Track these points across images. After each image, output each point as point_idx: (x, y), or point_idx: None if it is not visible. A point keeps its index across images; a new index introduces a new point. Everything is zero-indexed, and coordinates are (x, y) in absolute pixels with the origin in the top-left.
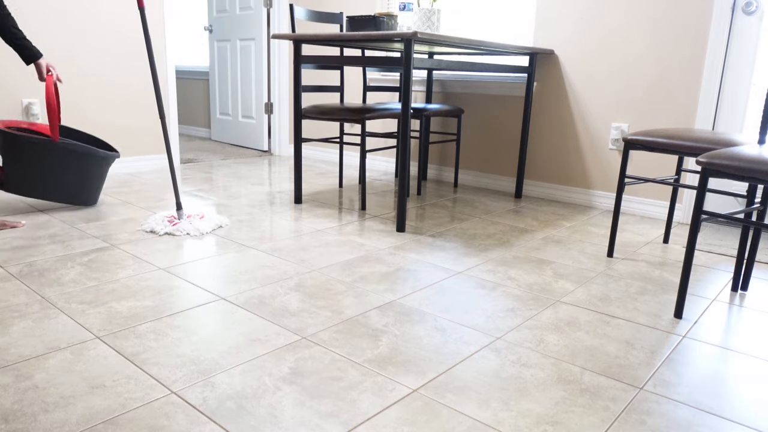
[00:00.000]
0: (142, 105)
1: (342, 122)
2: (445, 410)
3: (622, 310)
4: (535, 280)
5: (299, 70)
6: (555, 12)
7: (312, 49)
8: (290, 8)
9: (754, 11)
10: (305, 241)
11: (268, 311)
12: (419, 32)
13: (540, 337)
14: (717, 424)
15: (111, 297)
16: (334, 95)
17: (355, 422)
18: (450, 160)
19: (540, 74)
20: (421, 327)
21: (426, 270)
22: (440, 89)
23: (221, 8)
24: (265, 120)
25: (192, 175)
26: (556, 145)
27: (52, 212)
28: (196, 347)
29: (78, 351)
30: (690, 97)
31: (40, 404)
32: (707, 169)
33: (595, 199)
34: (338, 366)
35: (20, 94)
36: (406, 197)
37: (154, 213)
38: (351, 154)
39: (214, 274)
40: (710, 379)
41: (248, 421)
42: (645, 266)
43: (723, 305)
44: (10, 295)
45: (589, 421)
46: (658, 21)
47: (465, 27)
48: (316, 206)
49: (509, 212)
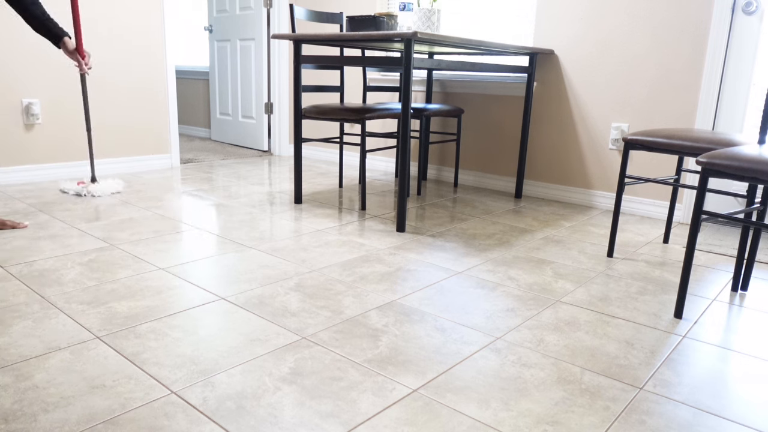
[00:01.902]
0: (143, 105)
1: (342, 122)
2: (445, 410)
3: (622, 310)
4: (535, 280)
5: (299, 70)
6: (555, 12)
7: (312, 49)
8: (290, 8)
9: (754, 11)
10: (305, 241)
11: (268, 311)
12: (419, 32)
13: (540, 337)
14: (717, 424)
15: (111, 297)
16: (334, 95)
17: (355, 422)
18: (450, 160)
19: (540, 74)
20: (421, 327)
21: (426, 270)
22: (440, 89)
23: (221, 8)
24: (265, 120)
25: (192, 175)
26: (556, 145)
27: (53, 212)
28: (196, 347)
29: (78, 351)
30: (690, 97)
31: (40, 404)
32: (707, 169)
33: (595, 199)
34: (338, 366)
35: (20, 94)
36: (406, 197)
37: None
38: (351, 154)
39: (214, 274)
40: (710, 379)
41: (248, 421)
42: (645, 266)
43: (723, 305)
44: (10, 295)
45: (589, 421)
46: (658, 21)
47: (465, 27)
48: (316, 206)
49: (509, 212)
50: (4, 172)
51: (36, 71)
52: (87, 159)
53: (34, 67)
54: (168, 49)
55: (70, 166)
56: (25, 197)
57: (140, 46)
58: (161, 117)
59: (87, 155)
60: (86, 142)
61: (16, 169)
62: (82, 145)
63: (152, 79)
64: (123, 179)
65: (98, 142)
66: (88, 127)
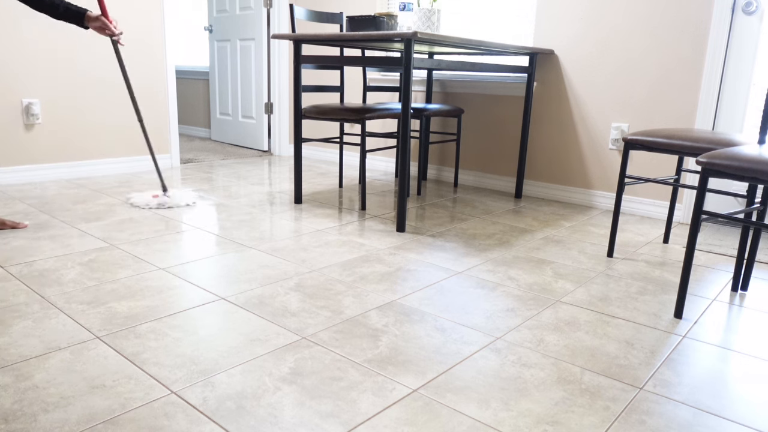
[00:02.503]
0: (143, 105)
1: (342, 122)
2: (445, 410)
3: (622, 310)
4: (535, 280)
5: (299, 70)
6: (555, 12)
7: (312, 49)
8: (290, 8)
9: (754, 11)
10: (305, 241)
11: (268, 311)
12: (419, 32)
13: (540, 337)
14: (717, 424)
15: (111, 297)
16: (334, 95)
17: (355, 422)
18: (450, 160)
19: (540, 74)
20: (421, 327)
21: (426, 270)
22: (440, 89)
23: (221, 8)
24: (265, 120)
25: (192, 175)
26: (556, 145)
27: (53, 212)
28: (196, 347)
29: (78, 351)
30: (690, 97)
31: (40, 404)
32: (707, 169)
33: (595, 199)
34: (338, 366)
35: (20, 94)
36: (406, 197)
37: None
38: (351, 154)
39: (214, 274)
40: (710, 379)
41: (248, 421)
42: (645, 266)
43: (723, 305)
44: (10, 295)
45: (589, 421)
46: (658, 21)
47: (465, 27)
48: (316, 206)
49: (509, 212)
50: (4, 172)
51: (36, 71)
52: (87, 159)
53: (34, 67)
54: (168, 49)
55: (70, 166)
56: (25, 197)
57: (140, 46)
58: (161, 117)
59: (87, 155)
60: (86, 142)
61: (16, 169)
62: (83, 145)
63: (152, 79)
64: (124, 179)
65: (98, 142)
66: (139, 117)
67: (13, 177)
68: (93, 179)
